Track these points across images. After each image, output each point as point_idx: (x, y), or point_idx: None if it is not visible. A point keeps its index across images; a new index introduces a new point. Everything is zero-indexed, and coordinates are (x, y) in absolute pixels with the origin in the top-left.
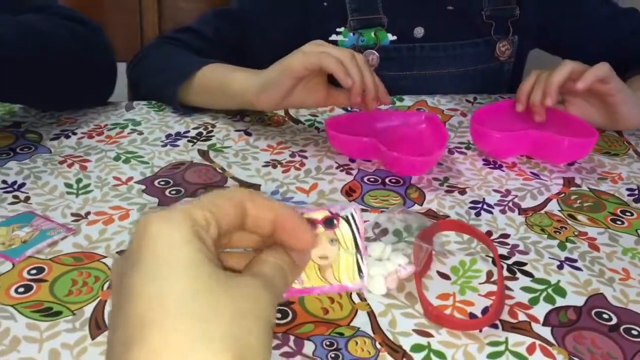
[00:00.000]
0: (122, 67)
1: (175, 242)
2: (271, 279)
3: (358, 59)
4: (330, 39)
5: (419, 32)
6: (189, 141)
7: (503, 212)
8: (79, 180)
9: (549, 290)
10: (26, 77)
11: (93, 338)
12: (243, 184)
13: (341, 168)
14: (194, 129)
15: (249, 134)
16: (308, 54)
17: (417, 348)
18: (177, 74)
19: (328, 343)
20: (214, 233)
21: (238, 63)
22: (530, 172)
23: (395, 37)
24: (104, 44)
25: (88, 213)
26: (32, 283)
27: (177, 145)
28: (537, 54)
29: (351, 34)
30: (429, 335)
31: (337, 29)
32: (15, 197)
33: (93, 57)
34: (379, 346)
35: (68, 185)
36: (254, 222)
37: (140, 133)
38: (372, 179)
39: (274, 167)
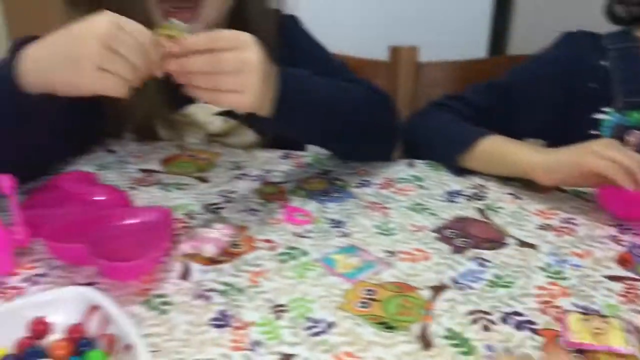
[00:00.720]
0: None
1: None
2: None
3: None
4: (594, 116)
5: None
6: (467, 199)
7: None
8: (384, 224)
9: None
10: (338, 128)
11: (426, 350)
12: (522, 243)
13: (610, 238)
14: (468, 188)
15: (519, 198)
16: (599, 159)
17: None
18: (459, 140)
19: None
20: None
21: (503, 134)
22: None
23: None
24: (393, 110)
25: (397, 252)
26: (369, 301)
27: (458, 202)
28: None
29: (617, 114)
30: None
31: (603, 109)
32: (340, 232)
33: (385, 120)
34: None
35: (377, 227)
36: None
37: (426, 188)
38: None
39: (547, 230)
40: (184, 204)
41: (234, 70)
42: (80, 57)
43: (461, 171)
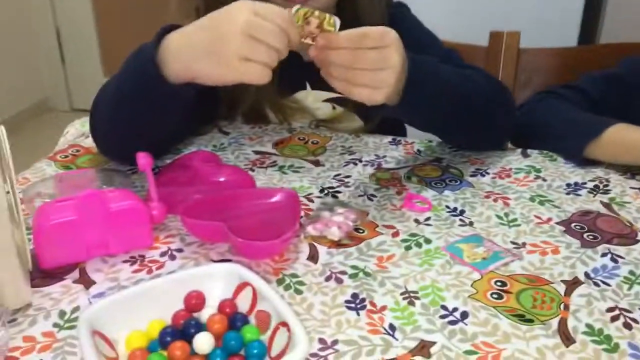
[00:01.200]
0: None
1: None
2: None
3: None
4: None
5: None
6: (589, 192)
7: None
8: (506, 214)
9: None
10: (459, 116)
11: (567, 346)
12: None
13: None
14: (590, 181)
15: None
16: None
17: None
18: (586, 129)
19: None
20: None
21: None
22: None
23: None
24: (509, 96)
25: (524, 243)
26: (502, 292)
27: (580, 195)
28: None
29: None
30: None
31: None
32: (461, 220)
33: (503, 108)
34: None
35: (499, 217)
36: None
37: (544, 179)
38: None
39: None
40: (302, 187)
41: (374, 67)
42: (224, 51)
43: (585, 162)
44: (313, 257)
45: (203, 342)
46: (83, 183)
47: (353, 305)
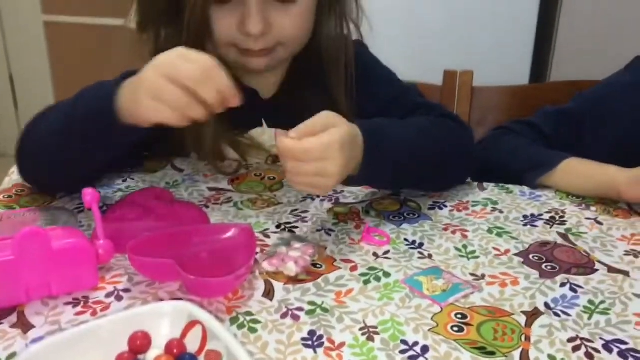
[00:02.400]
0: None
1: None
2: None
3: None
4: None
5: None
6: (545, 223)
7: None
8: (465, 246)
9: None
10: (422, 171)
11: None
12: (612, 269)
13: None
14: (546, 212)
15: (600, 223)
16: None
17: None
18: (540, 162)
19: None
20: None
21: None
22: None
23: None
24: (469, 136)
25: (484, 275)
26: (463, 325)
27: (537, 226)
28: None
29: None
30: None
31: None
32: (420, 253)
33: (465, 149)
34: None
35: (457, 249)
36: None
37: (501, 211)
38: None
39: (636, 256)
40: (258, 222)
41: (315, 175)
42: (139, 87)
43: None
44: (269, 293)
45: None
46: (25, 222)
47: (310, 342)
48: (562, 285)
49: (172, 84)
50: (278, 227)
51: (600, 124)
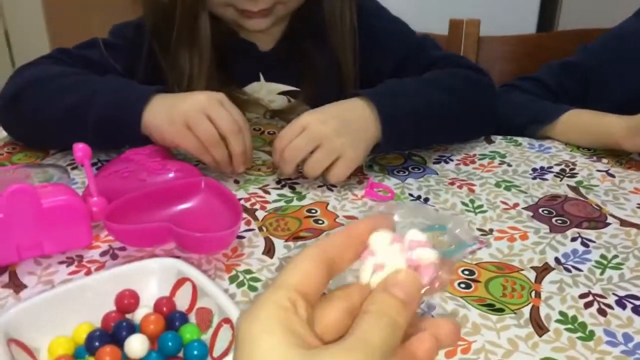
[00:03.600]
0: None
1: (269, 347)
2: (371, 338)
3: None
4: None
5: None
6: (555, 176)
7: None
8: (472, 201)
9: None
10: (445, 125)
11: (540, 336)
12: (624, 222)
13: None
14: (556, 164)
15: (612, 175)
16: None
17: None
18: (542, 115)
19: None
20: (303, 310)
21: None
22: None
23: None
24: (491, 85)
25: (492, 230)
26: (470, 282)
27: (546, 179)
28: None
29: None
30: None
31: None
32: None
33: (483, 96)
34: None
35: (464, 204)
36: (342, 267)
37: (509, 165)
38: None
39: None
40: (257, 178)
41: (312, 147)
42: (176, 111)
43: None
44: (269, 250)
45: (136, 345)
46: (15, 180)
47: None
48: (573, 239)
49: (209, 122)
50: (278, 182)
51: (608, 75)
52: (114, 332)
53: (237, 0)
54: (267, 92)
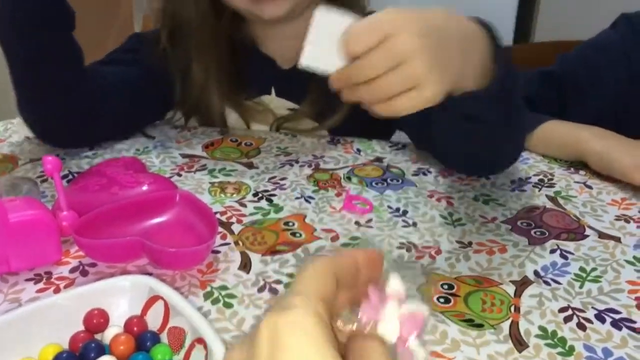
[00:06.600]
0: None
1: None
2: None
3: None
4: None
5: None
6: (534, 186)
7: None
8: (450, 214)
9: None
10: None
11: (519, 352)
12: (603, 235)
13: None
14: (534, 175)
15: (589, 187)
16: None
17: None
18: None
19: None
20: (328, 320)
21: None
22: None
23: None
24: None
25: (470, 242)
26: (449, 296)
27: (525, 191)
28: None
29: None
30: None
31: None
32: (404, 221)
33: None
34: None
35: (443, 217)
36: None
37: (487, 177)
38: None
39: (627, 222)
40: (233, 196)
41: (389, 67)
42: None
43: None
44: (245, 265)
45: None
46: None
47: None
48: (552, 251)
49: None
50: (255, 195)
51: (585, 87)
52: (81, 353)
53: None
54: (276, 107)
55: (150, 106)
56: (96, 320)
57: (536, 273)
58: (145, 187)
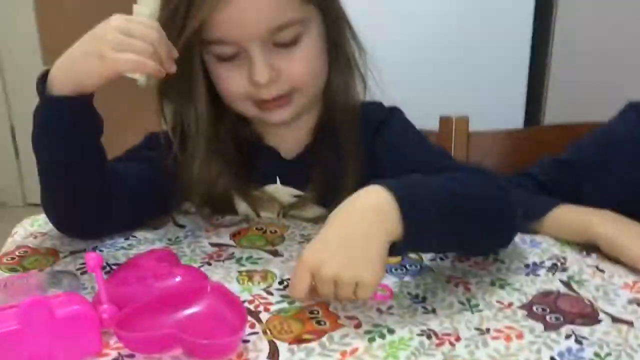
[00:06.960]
0: None
1: None
2: None
3: None
4: None
5: None
6: (547, 270)
7: None
8: (468, 300)
9: None
10: (469, 220)
11: None
12: (615, 319)
13: None
14: (547, 259)
15: (602, 271)
16: None
17: None
18: (530, 212)
19: None
20: None
21: None
22: None
23: None
24: (508, 191)
25: (488, 329)
26: None
27: (539, 275)
28: None
29: None
30: None
31: None
32: (424, 308)
33: (503, 200)
34: None
35: (461, 303)
36: None
37: (502, 262)
38: None
39: (639, 305)
40: (260, 284)
41: (332, 286)
42: (100, 45)
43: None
44: (273, 355)
45: None
46: (29, 288)
47: None
48: (567, 337)
49: (133, 38)
50: (281, 283)
51: (599, 175)
52: None
53: (253, 92)
54: (281, 195)
55: (160, 201)
56: None
57: (552, 359)
58: (178, 279)
